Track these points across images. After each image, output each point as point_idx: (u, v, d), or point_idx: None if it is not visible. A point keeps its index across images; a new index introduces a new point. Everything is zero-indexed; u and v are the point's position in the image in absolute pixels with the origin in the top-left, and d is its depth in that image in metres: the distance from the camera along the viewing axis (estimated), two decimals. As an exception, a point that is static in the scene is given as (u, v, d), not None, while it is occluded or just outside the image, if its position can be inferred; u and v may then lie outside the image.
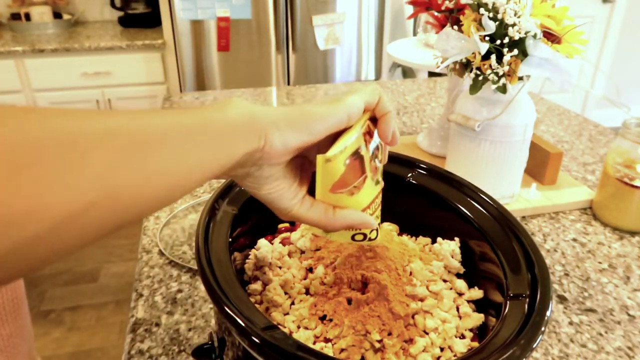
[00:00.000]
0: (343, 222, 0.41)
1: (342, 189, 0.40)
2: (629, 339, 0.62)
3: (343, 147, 0.38)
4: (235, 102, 0.36)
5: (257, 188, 0.39)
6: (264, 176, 0.38)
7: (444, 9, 0.88)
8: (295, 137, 0.37)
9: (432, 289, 0.51)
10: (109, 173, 0.26)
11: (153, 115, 0.30)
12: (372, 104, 0.42)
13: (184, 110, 0.33)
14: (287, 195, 0.40)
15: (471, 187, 0.57)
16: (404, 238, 0.59)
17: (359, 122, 0.41)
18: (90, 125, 0.26)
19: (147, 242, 0.79)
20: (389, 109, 0.43)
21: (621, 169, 0.81)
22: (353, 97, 0.40)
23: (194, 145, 0.32)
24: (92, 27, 2.60)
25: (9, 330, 0.63)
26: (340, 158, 0.38)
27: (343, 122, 0.39)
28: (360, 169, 0.40)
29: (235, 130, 0.34)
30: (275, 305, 0.49)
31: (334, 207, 0.41)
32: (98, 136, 0.26)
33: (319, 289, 0.49)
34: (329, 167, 0.38)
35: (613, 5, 3.19)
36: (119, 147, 0.27)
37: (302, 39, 2.32)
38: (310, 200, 0.41)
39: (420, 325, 0.47)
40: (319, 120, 0.38)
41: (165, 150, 0.30)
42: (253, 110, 0.36)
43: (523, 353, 0.38)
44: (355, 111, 0.40)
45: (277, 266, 0.53)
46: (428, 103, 1.43)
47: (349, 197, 0.40)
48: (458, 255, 0.55)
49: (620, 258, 0.77)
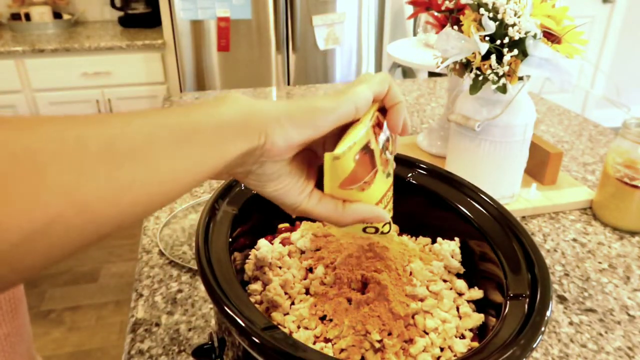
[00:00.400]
0: (354, 217, 0.40)
1: (353, 185, 0.38)
2: (629, 339, 0.62)
3: (352, 143, 0.36)
4: (233, 98, 0.34)
5: (262, 186, 0.38)
6: (267, 173, 0.37)
7: (444, 9, 0.88)
8: (299, 133, 0.35)
9: (432, 289, 0.51)
10: (75, 185, 0.25)
11: (134, 120, 0.29)
12: (381, 94, 0.40)
13: (172, 111, 0.32)
14: (294, 191, 0.39)
15: (471, 187, 0.57)
16: (404, 238, 0.59)
17: (368, 114, 0.39)
18: (56, 136, 0.25)
19: (147, 242, 0.79)
20: (399, 99, 0.40)
21: (621, 169, 0.81)
22: (361, 88, 0.38)
23: (177, 150, 0.30)
24: (92, 27, 2.60)
25: (6, 330, 0.63)
26: (349, 155, 0.36)
27: (350, 115, 0.37)
28: (370, 164, 0.39)
29: (228, 130, 0.33)
30: (275, 306, 0.49)
31: (343, 201, 0.39)
32: (64, 147, 0.25)
33: (319, 289, 0.49)
34: (337, 164, 0.36)
35: (613, 6, 3.19)
36: (86, 157, 0.26)
37: (302, 39, 2.32)
38: (319, 194, 0.40)
39: (420, 326, 0.47)
40: (324, 114, 0.36)
41: (141, 159, 0.28)
42: (252, 106, 0.34)
43: (523, 353, 0.38)
44: (364, 102, 0.38)
45: (277, 266, 0.53)
46: (428, 103, 1.43)
47: (360, 192, 0.39)
48: (458, 255, 0.55)
49: (620, 258, 0.77)
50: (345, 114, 0.37)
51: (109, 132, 0.27)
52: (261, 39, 2.29)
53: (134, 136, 0.28)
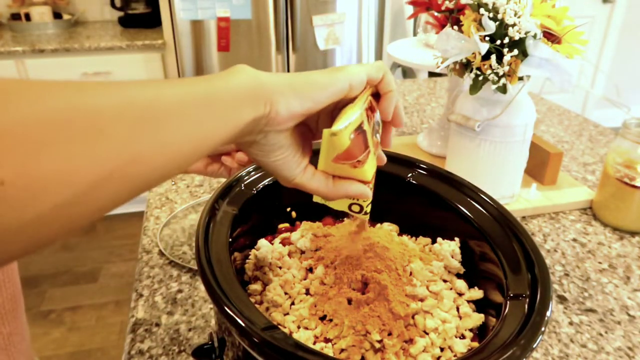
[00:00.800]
0: (342, 192, 0.43)
1: (346, 161, 0.41)
2: (629, 339, 0.62)
3: (347, 123, 0.39)
4: (241, 69, 0.37)
5: (264, 155, 0.41)
6: (270, 143, 0.40)
7: (444, 9, 0.88)
8: (299, 103, 0.38)
9: (432, 289, 0.51)
10: (128, 143, 0.29)
11: (163, 86, 0.32)
12: (375, 79, 0.43)
13: (191, 81, 0.34)
14: (292, 163, 0.42)
15: (471, 187, 0.57)
16: (404, 238, 0.59)
17: (362, 97, 0.42)
18: (107, 100, 0.29)
19: (147, 242, 0.79)
20: (392, 87, 0.44)
21: (621, 169, 0.81)
22: (356, 68, 0.41)
23: (203, 115, 0.33)
24: (92, 27, 2.60)
25: (9, 328, 0.63)
26: (345, 133, 0.39)
27: (344, 91, 0.41)
28: (364, 144, 0.41)
29: (241, 98, 0.35)
30: (275, 306, 0.49)
31: (334, 177, 0.43)
32: (115, 110, 0.28)
33: (319, 289, 0.49)
34: (334, 140, 0.39)
35: (613, 6, 3.19)
36: (134, 119, 0.29)
37: (302, 39, 2.32)
38: (312, 169, 0.43)
39: (421, 326, 0.47)
40: (322, 88, 0.39)
41: (176, 121, 0.31)
42: (259, 77, 0.37)
43: (523, 353, 0.38)
44: (358, 81, 0.41)
45: (277, 266, 0.53)
46: (428, 103, 1.43)
47: (352, 169, 0.42)
48: (458, 255, 0.55)
49: (620, 258, 0.77)
50: (340, 90, 0.40)
51: (150, 94, 0.31)
52: (261, 39, 2.29)
53: (170, 100, 0.32)
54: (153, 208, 0.88)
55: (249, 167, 0.57)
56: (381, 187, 0.49)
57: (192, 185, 0.95)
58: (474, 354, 0.39)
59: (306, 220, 0.60)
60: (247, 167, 0.57)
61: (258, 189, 0.56)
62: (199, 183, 0.96)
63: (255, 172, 0.57)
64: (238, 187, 0.54)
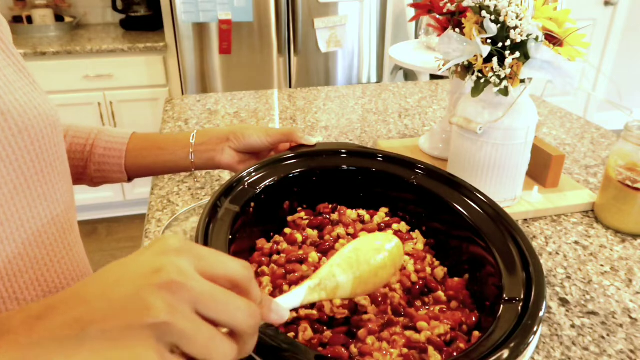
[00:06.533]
0: None
1: None
2: (631, 342, 0.62)
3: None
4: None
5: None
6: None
7: (445, 12, 0.88)
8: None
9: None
10: None
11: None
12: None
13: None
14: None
15: (469, 187, 0.58)
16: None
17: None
18: None
19: (149, 244, 0.79)
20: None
21: (623, 171, 0.81)
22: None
23: None
24: (94, 30, 2.61)
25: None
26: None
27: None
28: None
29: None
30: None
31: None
32: None
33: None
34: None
35: (615, 8, 3.19)
36: None
37: (304, 42, 2.32)
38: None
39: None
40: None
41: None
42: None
43: (512, 355, 0.38)
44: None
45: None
46: (430, 106, 1.43)
47: None
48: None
49: (622, 261, 0.77)
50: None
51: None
52: (263, 42, 2.29)
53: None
54: (155, 211, 0.88)
55: (251, 167, 0.58)
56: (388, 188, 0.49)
57: (194, 187, 0.95)
58: (464, 356, 0.39)
59: (307, 209, 0.62)
60: (249, 167, 0.58)
61: (260, 187, 0.56)
62: (201, 186, 0.96)
63: (256, 173, 0.58)
64: (241, 185, 0.55)
